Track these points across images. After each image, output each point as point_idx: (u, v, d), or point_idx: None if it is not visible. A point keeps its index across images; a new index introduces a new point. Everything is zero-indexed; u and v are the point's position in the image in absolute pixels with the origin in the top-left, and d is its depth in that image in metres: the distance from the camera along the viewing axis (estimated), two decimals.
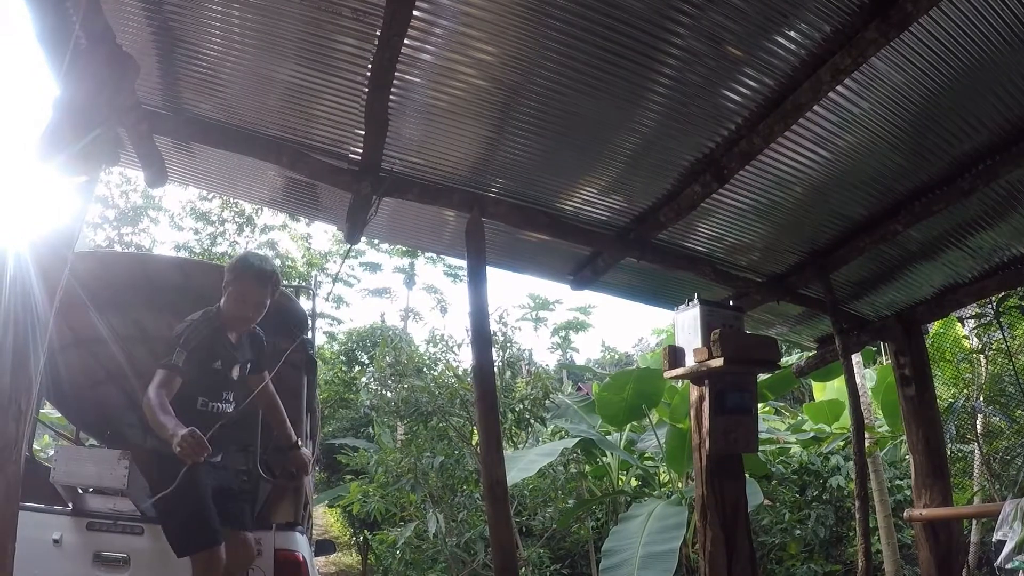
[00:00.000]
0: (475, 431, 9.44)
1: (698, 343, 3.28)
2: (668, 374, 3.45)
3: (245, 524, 4.52)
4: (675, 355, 3.41)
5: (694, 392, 3.40)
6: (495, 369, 5.51)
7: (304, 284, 12.86)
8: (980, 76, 3.00)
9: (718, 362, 3.16)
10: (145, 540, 4.92)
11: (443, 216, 4.21)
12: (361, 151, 3.64)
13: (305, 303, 7.05)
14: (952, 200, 3.71)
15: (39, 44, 2.87)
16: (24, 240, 2.56)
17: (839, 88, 3.01)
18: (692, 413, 3.44)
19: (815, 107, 3.14)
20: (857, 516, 4.52)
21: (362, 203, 4.03)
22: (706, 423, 3.29)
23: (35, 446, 7.40)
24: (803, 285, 4.77)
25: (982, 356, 6.96)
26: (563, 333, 22.52)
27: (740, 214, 4.05)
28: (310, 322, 6.24)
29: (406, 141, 3.63)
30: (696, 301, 3.40)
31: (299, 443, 5.20)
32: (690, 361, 3.34)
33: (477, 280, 3.79)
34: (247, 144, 3.63)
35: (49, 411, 8.75)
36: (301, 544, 5.15)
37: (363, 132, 3.44)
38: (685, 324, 3.42)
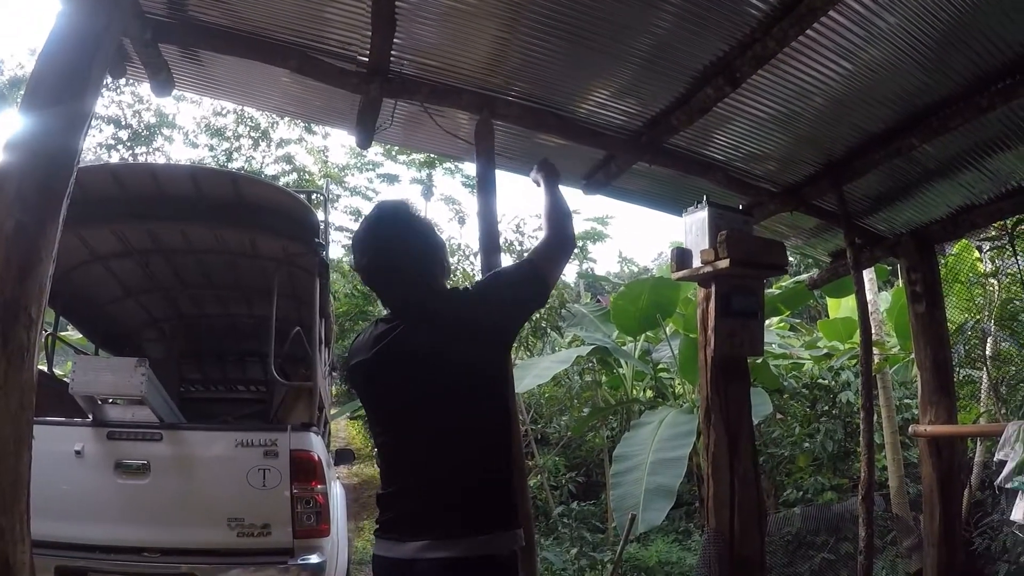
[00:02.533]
0: None
1: (705, 245, 3.27)
2: (675, 275, 3.46)
3: None
4: (682, 257, 3.41)
5: (700, 294, 3.41)
6: None
7: (316, 191, 12.86)
8: None
9: (724, 264, 3.16)
10: (164, 446, 5.08)
11: (457, 120, 4.17)
12: (369, 53, 3.59)
13: (320, 214, 7.08)
14: (970, 117, 3.66)
15: None
16: (24, 149, 2.55)
17: (867, 1, 2.97)
18: (698, 315, 3.46)
19: (841, 20, 3.10)
20: (862, 427, 4.58)
21: (371, 106, 4.02)
22: (711, 325, 3.31)
23: (57, 370, 7.56)
24: (817, 197, 4.74)
25: (995, 281, 6.92)
26: (581, 243, 22.47)
27: (759, 123, 4.01)
28: (322, 228, 6.26)
29: (416, 42, 3.59)
30: (705, 203, 3.38)
31: None
32: (697, 263, 3.34)
33: (486, 183, 3.79)
34: (254, 49, 3.59)
35: (72, 332, 8.88)
36: (316, 444, 5.26)
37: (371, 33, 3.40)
38: (693, 226, 3.41)
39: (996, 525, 6.35)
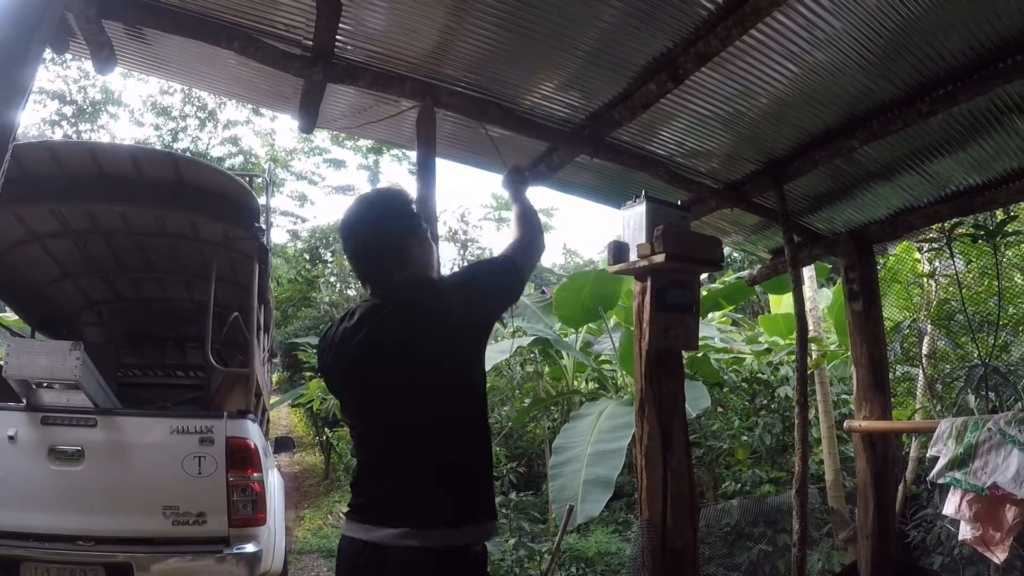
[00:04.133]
0: None
1: (643, 239, 3.28)
2: (612, 269, 3.47)
3: None
4: (620, 250, 3.42)
5: (636, 287, 3.42)
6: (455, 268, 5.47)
7: (259, 175, 12.70)
8: (955, 3, 3.01)
9: (660, 258, 3.17)
10: (98, 432, 5.00)
11: (401, 107, 4.14)
12: (313, 37, 3.54)
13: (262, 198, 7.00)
14: (910, 121, 3.74)
15: None
16: None
17: (813, 5, 3.02)
18: (634, 308, 3.47)
19: (788, 23, 3.14)
20: (796, 422, 4.65)
21: (315, 90, 3.97)
22: (646, 318, 3.32)
23: None
24: (758, 194, 4.80)
25: (932, 281, 7.08)
26: None
27: (703, 121, 4.04)
28: (263, 212, 6.19)
29: (362, 28, 3.55)
30: (643, 198, 3.39)
31: None
32: (633, 256, 3.35)
33: (426, 169, 3.77)
34: (198, 28, 3.51)
35: (8, 314, 8.68)
36: (253, 432, 5.22)
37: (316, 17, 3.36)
38: (631, 220, 3.42)
39: (931, 518, 6.51)
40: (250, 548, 5.07)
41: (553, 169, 4.46)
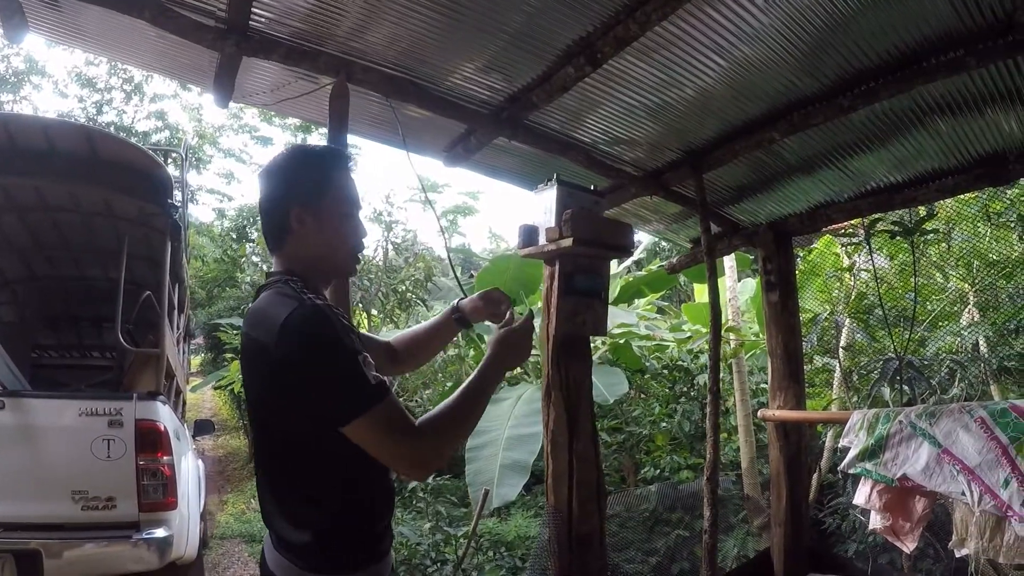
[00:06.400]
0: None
1: (552, 223, 3.26)
2: (521, 252, 3.44)
3: None
4: (529, 234, 3.38)
5: (546, 271, 3.40)
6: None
7: (173, 149, 12.43)
8: (884, 6, 3.05)
9: (568, 242, 3.14)
10: (5, 414, 4.90)
11: (320, 83, 4.05)
12: (226, 8, 3.44)
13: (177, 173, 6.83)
14: (831, 115, 3.77)
15: None
16: None
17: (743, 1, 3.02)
18: (543, 293, 3.45)
19: (716, 16, 3.14)
20: (708, 410, 4.71)
21: (229, 63, 3.86)
22: (554, 303, 3.31)
23: None
24: (678, 183, 4.82)
25: (850, 275, 7.24)
26: (451, 217, 22.45)
27: (630, 110, 4.03)
28: (178, 187, 6.06)
29: (281, 1, 3.44)
30: (555, 181, 3.36)
31: None
32: (543, 240, 3.33)
33: (337, 145, 3.70)
34: None
35: None
36: (163, 414, 5.11)
37: None
38: (542, 203, 3.39)
39: (846, 507, 6.67)
40: (160, 533, 4.99)
41: (471, 151, 4.43)
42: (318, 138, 20.77)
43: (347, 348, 1.86)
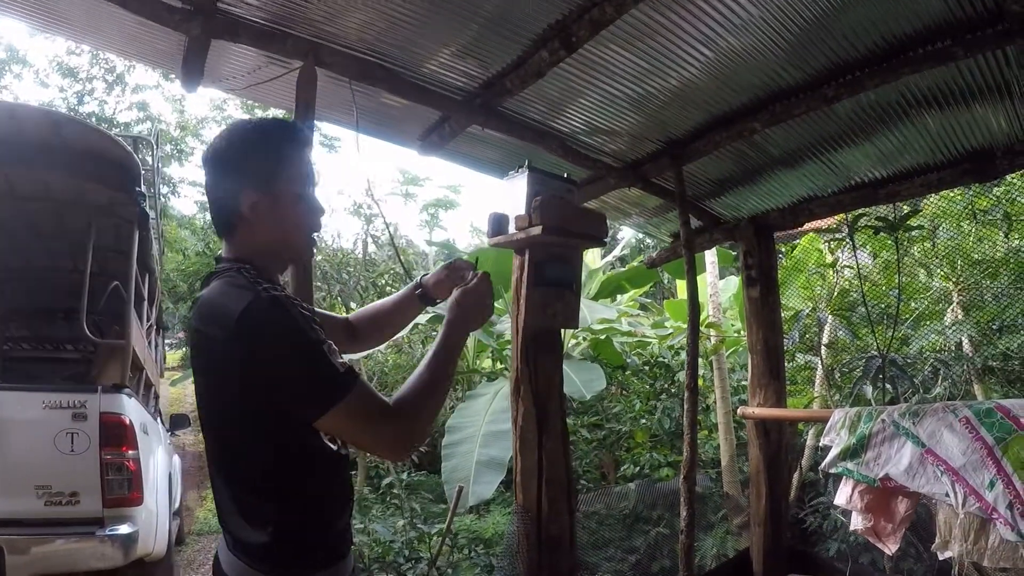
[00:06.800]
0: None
1: (522, 211, 3.15)
2: (490, 241, 3.33)
3: None
4: (499, 222, 3.25)
5: (515, 261, 3.30)
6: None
7: (142, 137, 12.27)
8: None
9: (537, 230, 3.03)
10: None
11: (290, 67, 3.94)
12: None
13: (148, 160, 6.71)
14: (814, 106, 3.69)
15: None
16: None
17: None
18: (513, 284, 3.34)
19: (704, 6, 3.07)
20: (685, 407, 4.62)
21: (198, 46, 3.74)
22: (524, 294, 3.20)
23: None
24: (658, 175, 4.73)
25: (832, 271, 7.18)
26: (432, 210, 22.33)
27: (612, 99, 3.95)
28: (146, 176, 5.94)
29: None
30: (526, 168, 3.25)
31: None
32: (512, 229, 3.22)
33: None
34: None
35: None
36: (128, 407, 5.00)
37: None
38: (513, 191, 3.27)
39: (827, 506, 6.61)
40: (124, 529, 4.89)
41: (445, 139, 4.31)
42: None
43: (310, 339, 1.77)
